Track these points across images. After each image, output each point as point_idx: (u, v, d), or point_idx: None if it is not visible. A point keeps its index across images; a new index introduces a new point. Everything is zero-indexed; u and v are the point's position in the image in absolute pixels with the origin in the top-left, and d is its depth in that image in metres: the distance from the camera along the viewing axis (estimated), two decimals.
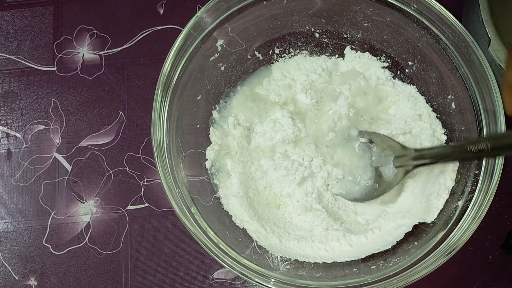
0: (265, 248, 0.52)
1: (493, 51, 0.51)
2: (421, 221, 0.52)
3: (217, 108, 0.58)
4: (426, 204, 0.53)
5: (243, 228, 0.53)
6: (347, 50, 0.60)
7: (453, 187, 0.52)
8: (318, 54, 0.61)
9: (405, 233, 0.52)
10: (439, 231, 0.49)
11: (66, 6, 0.67)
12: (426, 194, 0.53)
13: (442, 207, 0.52)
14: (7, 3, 0.68)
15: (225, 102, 0.59)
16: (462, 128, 0.53)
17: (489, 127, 0.48)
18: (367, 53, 0.59)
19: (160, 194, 0.60)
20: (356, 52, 0.60)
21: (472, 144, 0.45)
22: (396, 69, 0.59)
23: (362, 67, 0.60)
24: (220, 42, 0.55)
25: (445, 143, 0.55)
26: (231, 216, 0.54)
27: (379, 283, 0.46)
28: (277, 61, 0.61)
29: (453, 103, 0.54)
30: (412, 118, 0.56)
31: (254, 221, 0.53)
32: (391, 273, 0.46)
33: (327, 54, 0.60)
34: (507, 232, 0.58)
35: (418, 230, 0.52)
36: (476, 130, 0.50)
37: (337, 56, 0.60)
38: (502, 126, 0.47)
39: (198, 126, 0.56)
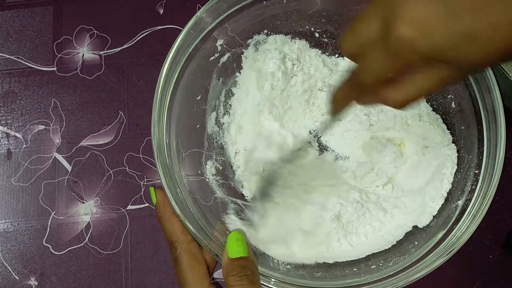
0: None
1: None
2: (422, 222, 0.52)
3: None
4: (425, 206, 0.53)
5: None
6: None
7: (452, 186, 0.52)
8: None
9: (405, 233, 0.52)
10: (439, 230, 0.49)
11: (66, 6, 0.67)
12: (425, 195, 0.53)
13: (440, 207, 0.52)
14: (7, 3, 0.68)
15: None
16: (462, 127, 0.53)
17: (489, 126, 0.48)
18: None
19: None
20: None
21: None
22: None
23: None
24: (220, 42, 0.54)
25: None
26: None
27: (379, 282, 0.46)
28: None
29: (453, 102, 0.54)
30: (412, 118, 0.56)
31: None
32: (391, 273, 0.46)
33: (327, 54, 0.60)
34: (507, 231, 0.58)
35: (418, 230, 0.52)
36: (476, 129, 0.50)
37: (337, 56, 0.60)
38: (502, 125, 0.47)
39: (198, 126, 0.56)
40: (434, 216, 0.52)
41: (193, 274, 0.42)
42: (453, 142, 0.54)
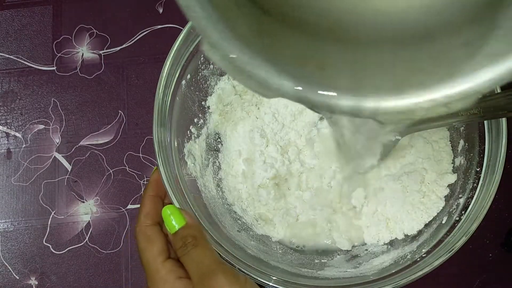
0: (266, 247, 0.52)
1: None
2: (421, 220, 0.52)
3: None
4: (425, 205, 0.53)
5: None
6: None
7: (453, 185, 0.52)
8: None
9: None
10: (440, 229, 0.49)
11: (65, 5, 0.67)
12: (425, 194, 0.53)
13: (441, 205, 0.52)
14: (6, 3, 0.67)
15: None
16: (463, 125, 0.53)
17: (490, 125, 0.48)
18: None
19: None
20: None
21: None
22: None
23: None
24: None
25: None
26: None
27: (380, 281, 0.46)
28: None
29: None
30: None
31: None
32: (391, 272, 0.46)
33: None
34: (507, 230, 0.58)
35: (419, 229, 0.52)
36: (477, 126, 0.50)
37: None
38: (503, 124, 0.47)
39: (199, 125, 0.56)
40: (433, 216, 0.52)
41: (145, 254, 0.43)
42: (453, 140, 0.54)
